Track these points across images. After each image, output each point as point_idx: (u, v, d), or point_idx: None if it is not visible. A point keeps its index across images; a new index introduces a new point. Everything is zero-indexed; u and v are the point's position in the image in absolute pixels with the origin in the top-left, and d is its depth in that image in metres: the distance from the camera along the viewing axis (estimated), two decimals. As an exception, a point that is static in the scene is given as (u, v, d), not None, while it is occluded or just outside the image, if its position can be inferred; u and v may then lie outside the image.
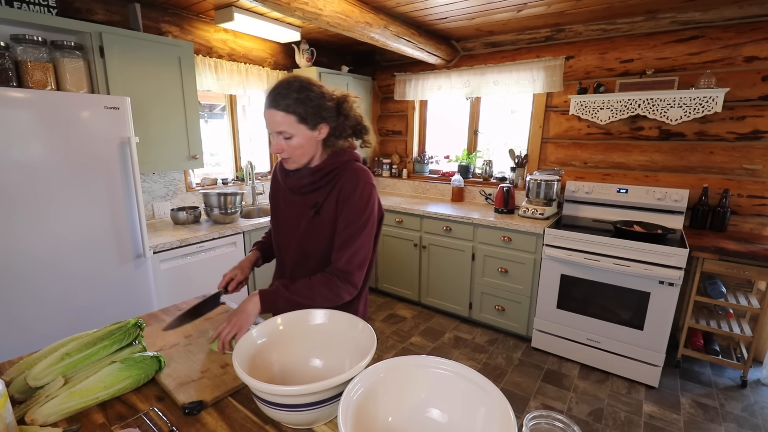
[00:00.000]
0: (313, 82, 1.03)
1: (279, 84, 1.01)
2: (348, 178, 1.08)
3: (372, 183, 1.10)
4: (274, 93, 1.00)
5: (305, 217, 1.12)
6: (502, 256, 2.71)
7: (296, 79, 1.01)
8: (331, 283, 1.05)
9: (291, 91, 0.99)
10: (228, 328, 0.97)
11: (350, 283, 1.07)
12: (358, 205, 1.06)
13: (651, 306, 2.20)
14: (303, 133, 1.02)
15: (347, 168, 1.09)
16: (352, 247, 1.06)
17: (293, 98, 0.98)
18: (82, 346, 0.89)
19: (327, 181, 1.09)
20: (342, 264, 1.06)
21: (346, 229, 1.07)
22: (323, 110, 1.03)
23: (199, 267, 2.29)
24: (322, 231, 1.10)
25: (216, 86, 2.77)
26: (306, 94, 0.99)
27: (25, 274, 1.58)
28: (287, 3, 1.89)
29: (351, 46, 3.48)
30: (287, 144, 1.03)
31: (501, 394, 0.67)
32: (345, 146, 1.12)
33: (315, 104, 1.01)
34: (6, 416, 0.69)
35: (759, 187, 2.37)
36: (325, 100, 1.03)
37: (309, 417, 0.74)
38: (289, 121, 1.00)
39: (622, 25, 2.57)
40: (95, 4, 2.19)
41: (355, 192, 1.06)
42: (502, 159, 3.38)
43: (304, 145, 1.04)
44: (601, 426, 1.98)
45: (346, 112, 1.07)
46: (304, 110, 1.00)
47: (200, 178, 2.92)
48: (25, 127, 1.51)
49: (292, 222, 1.16)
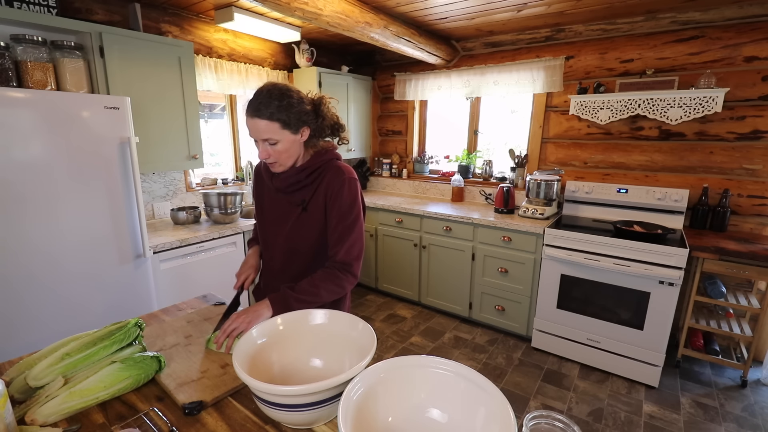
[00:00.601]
0: (291, 87, 1.07)
1: (259, 93, 1.04)
2: (333, 175, 1.14)
3: (355, 177, 1.17)
4: (256, 102, 1.03)
5: (292, 213, 1.17)
6: (502, 256, 2.71)
7: (275, 86, 1.05)
8: (333, 276, 1.11)
9: (272, 99, 1.02)
10: (236, 323, 1.00)
11: (351, 274, 1.14)
12: (347, 201, 1.13)
13: (651, 306, 2.20)
14: (287, 138, 1.06)
15: (330, 166, 1.16)
16: (349, 240, 1.13)
17: (275, 106, 1.02)
18: (82, 346, 0.89)
19: (312, 179, 1.15)
20: (341, 256, 1.12)
21: (340, 224, 1.13)
22: (303, 114, 1.07)
23: (199, 267, 2.29)
24: (309, 226, 1.16)
25: (216, 86, 2.77)
26: (287, 101, 1.03)
27: (25, 273, 1.58)
28: (287, 3, 1.89)
29: (351, 46, 3.48)
30: (273, 149, 1.07)
31: (501, 394, 0.67)
32: (327, 146, 1.18)
33: (296, 110, 1.05)
34: (6, 416, 0.69)
35: (759, 187, 2.37)
36: (304, 104, 1.07)
37: (309, 417, 0.74)
38: (273, 128, 1.03)
39: (622, 25, 2.57)
40: (95, 4, 2.19)
41: (342, 188, 1.12)
42: (502, 159, 3.38)
43: (289, 149, 1.08)
44: (601, 426, 1.98)
45: (323, 113, 1.11)
46: (287, 116, 1.03)
47: (200, 178, 2.92)
48: (25, 127, 1.51)
49: (278, 219, 1.21)
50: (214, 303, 1.37)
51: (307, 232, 1.17)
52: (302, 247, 1.18)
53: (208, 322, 1.22)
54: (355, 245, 1.14)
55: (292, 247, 1.19)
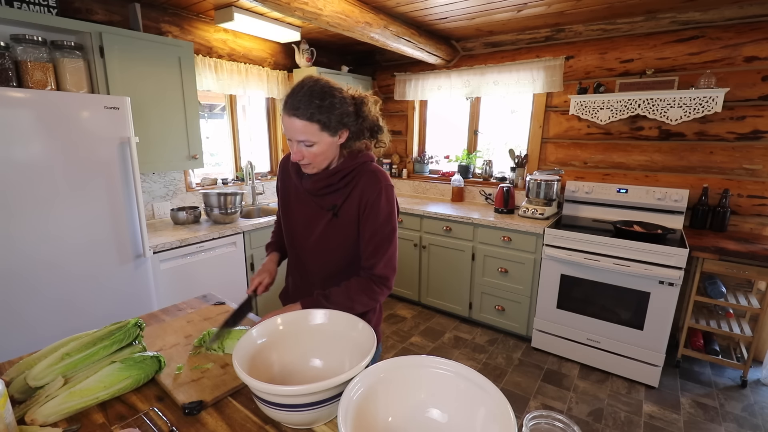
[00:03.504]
0: (333, 85, 0.99)
1: (299, 89, 0.95)
2: (368, 181, 1.06)
3: (391, 184, 1.10)
4: (295, 100, 0.94)
5: (322, 218, 1.11)
6: (502, 256, 2.71)
7: (317, 83, 0.96)
8: (369, 290, 1.07)
9: (313, 98, 0.94)
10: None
11: (387, 287, 1.09)
12: (385, 211, 1.06)
13: (651, 306, 2.20)
14: (324, 141, 0.98)
15: (365, 170, 1.07)
16: (387, 252, 1.07)
17: (316, 106, 0.94)
18: (82, 346, 0.89)
19: (345, 183, 1.07)
20: (380, 269, 1.07)
21: (376, 235, 1.06)
22: (345, 116, 0.99)
23: (199, 267, 2.28)
24: (341, 232, 1.09)
25: (216, 86, 2.77)
26: (329, 100, 0.95)
27: (25, 273, 1.58)
28: (287, 3, 1.89)
29: (351, 46, 3.48)
30: (308, 151, 0.99)
31: (501, 394, 0.67)
32: (361, 147, 1.10)
33: (338, 111, 0.97)
34: (6, 416, 0.69)
35: (759, 187, 2.37)
36: (347, 104, 0.99)
37: (309, 417, 0.74)
38: (311, 130, 0.95)
39: (622, 25, 2.57)
40: (95, 4, 2.19)
41: (380, 197, 1.05)
42: (502, 159, 3.38)
43: (326, 151, 1.01)
44: (601, 426, 1.98)
45: (364, 114, 1.04)
46: (328, 118, 0.95)
47: (200, 178, 2.92)
48: (25, 127, 1.51)
49: (307, 222, 1.14)
50: (214, 303, 1.37)
51: (339, 238, 1.10)
52: (334, 252, 1.12)
53: (208, 322, 1.22)
54: (392, 257, 1.08)
55: (323, 252, 1.13)
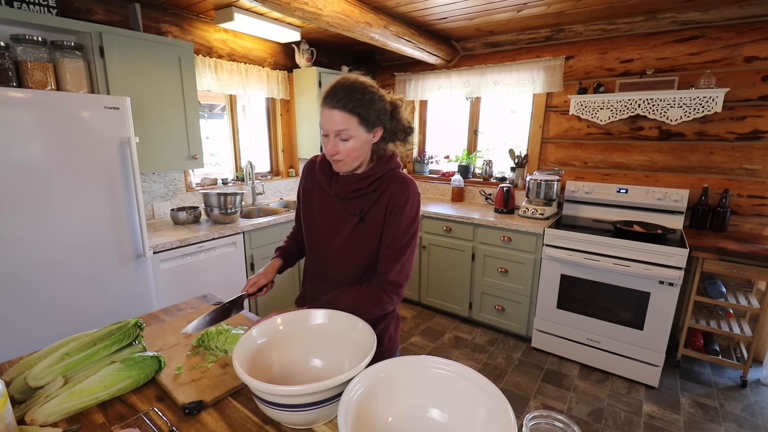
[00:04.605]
0: (372, 83, 1.02)
1: (340, 84, 0.98)
2: (397, 187, 1.06)
3: (419, 192, 1.10)
4: (339, 92, 0.97)
5: (348, 222, 1.10)
6: (502, 256, 2.71)
7: (357, 79, 1.00)
8: (379, 299, 1.06)
9: (354, 92, 0.97)
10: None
11: (398, 294, 1.08)
12: (409, 218, 1.06)
13: (651, 306, 2.20)
14: (361, 136, 1.00)
15: (394, 176, 1.08)
16: (402, 259, 1.06)
17: (357, 99, 0.97)
18: (82, 346, 0.89)
19: (374, 188, 1.07)
20: (393, 276, 1.06)
21: (395, 241, 1.06)
22: (382, 113, 1.01)
23: (199, 267, 2.28)
24: (367, 238, 1.09)
25: (216, 86, 2.77)
26: (370, 96, 0.98)
27: (25, 274, 1.58)
28: (287, 3, 1.89)
29: (351, 46, 3.48)
30: (343, 146, 1.00)
31: (501, 394, 0.67)
32: (389, 152, 1.11)
33: (377, 107, 1.00)
34: (6, 416, 0.69)
35: (759, 187, 2.37)
36: (385, 102, 1.02)
37: (309, 417, 0.74)
38: (350, 122, 0.97)
39: (622, 25, 2.57)
40: (95, 4, 2.19)
41: (406, 204, 1.05)
42: (502, 159, 3.38)
43: (360, 147, 1.02)
44: (601, 426, 1.98)
45: (399, 116, 1.06)
46: (367, 112, 0.98)
47: (200, 178, 2.92)
48: (25, 127, 1.50)
49: (332, 226, 1.13)
50: (214, 303, 1.37)
51: (365, 243, 1.09)
52: (358, 258, 1.11)
53: (208, 322, 1.22)
54: (407, 265, 1.07)
55: (345, 258, 1.12)
